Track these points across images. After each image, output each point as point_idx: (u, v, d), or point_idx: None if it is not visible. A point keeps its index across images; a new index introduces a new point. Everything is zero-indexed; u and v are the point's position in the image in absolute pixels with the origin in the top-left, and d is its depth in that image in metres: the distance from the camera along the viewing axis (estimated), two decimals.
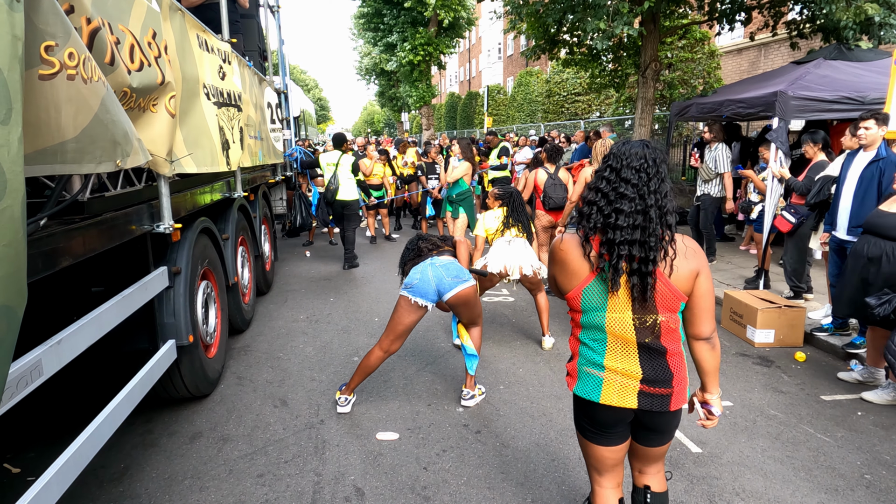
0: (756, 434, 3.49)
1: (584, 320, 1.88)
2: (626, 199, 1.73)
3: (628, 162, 1.76)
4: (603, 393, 1.85)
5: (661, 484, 2.14)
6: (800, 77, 6.34)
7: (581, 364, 1.92)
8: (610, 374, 1.85)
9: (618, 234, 1.73)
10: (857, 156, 4.53)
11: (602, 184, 1.79)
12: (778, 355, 4.77)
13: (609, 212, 1.75)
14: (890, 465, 3.17)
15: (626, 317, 1.80)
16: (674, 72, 12.84)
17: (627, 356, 1.84)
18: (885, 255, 3.73)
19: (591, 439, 1.99)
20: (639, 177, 1.74)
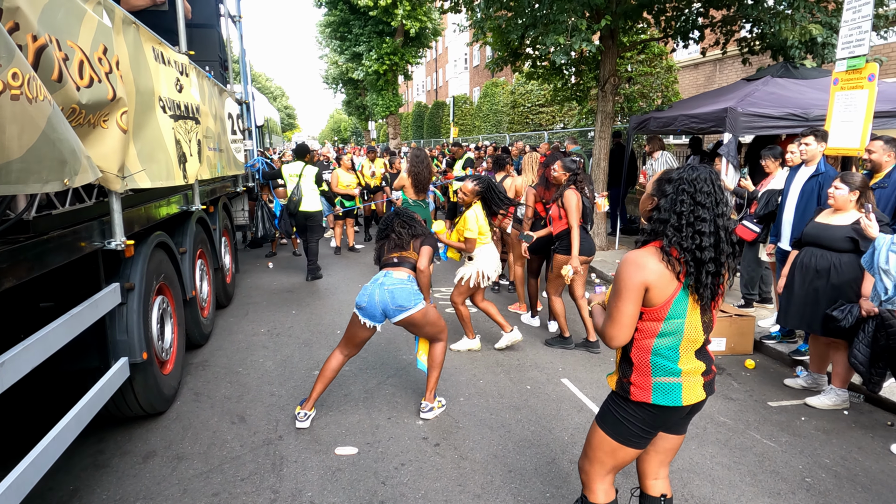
0: (706, 441, 3.61)
1: (666, 328, 2.02)
2: (705, 222, 1.94)
3: (700, 187, 1.96)
4: (684, 395, 2.05)
5: (670, 488, 2.35)
6: (749, 94, 6.62)
7: (656, 375, 2.05)
8: (686, 377, 2.06)
9: (705, 253, 1.94)
10: (799, 170, 4.74)
11: (682, 207, 1.96)
12: (729, 363, 4.93)
13: (692, 233, 1.94)
14: (829, 468, 3.32)
15: (697, 320, 2.03)
16: (633, 85, 13.19)
17: (691, 356, 2.07)
18: (832, 266, 3.90)
19: (633, 444, 2.14)
20: (710, 200, 1.96)
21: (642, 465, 2.30)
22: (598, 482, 2.24)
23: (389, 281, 3.63)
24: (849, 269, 3.83)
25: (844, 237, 3.84)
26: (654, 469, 2.28)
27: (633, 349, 2.09)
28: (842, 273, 3.84)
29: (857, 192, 3.88)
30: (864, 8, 4.53)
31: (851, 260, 3.84)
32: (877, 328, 3.70)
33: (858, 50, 4.61)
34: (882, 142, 4.12)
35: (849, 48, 4.69)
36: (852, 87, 4.68)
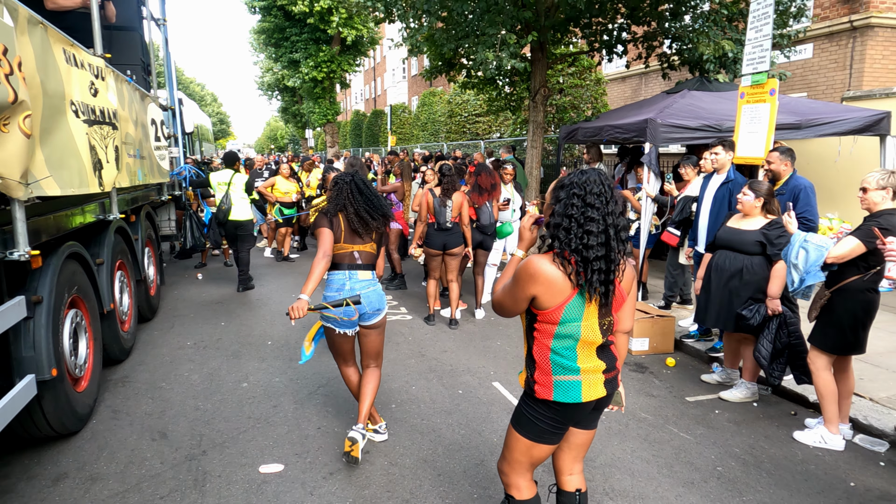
0: (628, 437, 3.76)
1: (561, 331, 2.08)
2: (594, 222, 2.00)
3: (590, 189, 2.02)
4: (583, 393, 2.11)
5: (585, 483, 2.43)
6: (668, 106, 6.96)
7: (556, 373, 2.12)
8: (585, 375, 2.12)
9: (591, 252, 1.99)
10: (712, 178, 5.04)
11: (572, 210, 2.02)
12: (652, 361, 5.16)
13: (581, 234, 2.00)
14: (739, 456, 3.53)
15: (594, 323, 2.09)
16: (565, 97, 13.63)
17: (591, 355, 2.14)
18: (745, 268, 4.15)
19: (546, 440, 2.21)
20: (600, 200, 2.02)
21: (557, 461, 2.37)
22: (519, 479, 2.30)
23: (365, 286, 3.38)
24: (759, 270, 4.09)
25: (754, 241, 4.10)
26: (569, 465, 2.36)
27: (535, 348, 2.16)
28: (752, 274, 4.10)
29: (762, 198, 4.16)
30: (765, 28, 4.88)
31: (761, 262, 4.11)
32: (779, 326, 3.98)
33: (761, 66, 4.96)
34: (778, 152, 4.44)
35: (752, 65, 5.04)
36: (756, 101, 5.03)
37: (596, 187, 2.04)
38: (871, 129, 6.77)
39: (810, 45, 11.26)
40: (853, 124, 6.69)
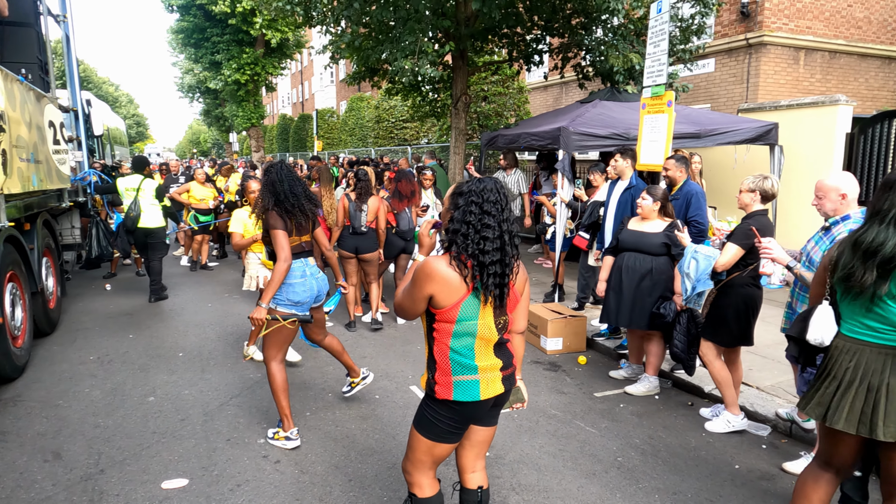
0: (537, 433, 3.90)
1: (459, 329, 2.15)
2: (490, 229, 2.09)
3: (487, 197, 2.12)
4: (482, 390, 2.19)
5: (486, 479, 2.48)
6: (580, 115, 7.28)
7: (455, 373, 2.18)
8: (483, 373, 2.20)
9: (487, 257, 2.09)
10: (616, 184, 5.32)
11: (470, 217, 2.11)
12: (565, 360, 5.36)
13: (478, 239, 2.09)
14: (638, 447, 3.73)
15: (490, 321, 2.18)
16: (489, 104, 13.94)
17: (489, 353, 2.23)
18: (653, 269, 4.40)
19: (447, 440, 2.27)
20: (496, 208, 2.12)
21: (460, 459, 2.44)
22: (422, 478, 2.34)
23: (315, 269, 3.72)
24: (665, 269, 4.35)
25: (660, 243, 4.36)
26: (471, 462, 2.43)
27: (435, 349, 2.22)
28: (660, 273, 4.35)
29: (659, 202, 4.43)
30: (662, 44, 5.21)
31: (666, 261, 4.37)
32: (688, 321, 4.23)
33: (659, 79, 5.29)
34: (674, 160, 4.76)
35: (652, 77, 5.37)
36: (656, 112, 5.36)
37: (492, 195, 2.14)
38: (762, 139, 7.35)
39: (713, 60, 12.08)
40: (746, 134, 7.25)
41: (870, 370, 2.14)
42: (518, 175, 7.69)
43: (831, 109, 7.49)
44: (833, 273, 2.27)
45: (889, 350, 2.13)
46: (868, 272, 2.10)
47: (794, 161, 7.48)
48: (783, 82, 11.44)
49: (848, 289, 2.20)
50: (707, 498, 3.17)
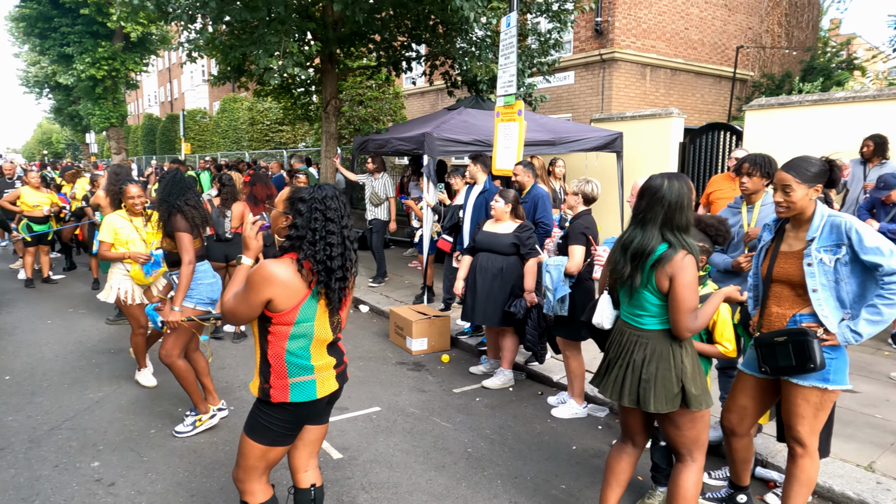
0: (394, 432, 3.98)
1: (296, 331, 2.19)
2: (335, 235, 2.18)
3: (329, 205, 2.19)
4: (318, 389, 2.25)
5: (320, 477, 2.52)
6: (445, 121, 7.52)
7: (292, 375, 2.21)
8: (319, 373, 2.25)
9: (334, 262, 2.17)
10: (473, 188, 5.57)
11: (316, 224, 2.16)
12: (429, 360, 5.51)
13: (324, 246, 2.16)
14: (489, 437, 3.93)
15: (325, 322, 2.25)
16: (365, 108, 13.93)
17: (323, 353, 2.29)
18: (503, 268, 4.64)
19: (282, 443, 2.28)
20: (337, 215, 2.21)
21: (293, 461, 2.45)
22: (255, 485, 2.33)
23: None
24: (514, 268, 4.60)
25: (509, 243, 4.61)
26: (304, 462, 2.45)
27: (270, 352, 2.23)
28: (510, 272, 4.60)
29: (510, 205, 4.70)
30: (511, 56, 5.54)
31: (516, 261, 4.62)
32: (538, 316, 4.50)
33: (510, 89, 5.61)
34: (522, 166, 5.08)
35: (504, 88, 5.68)
36: (509, 120, 5.68)
37: (333, 202, 2.22)
38: (609, 147, 8.03)
39: (572, 73, 12.96)
40: (595, 142, 7.88)
41: (638, 350, 2.45)
42: (385, 179, 7.78)
43: (667, 121, 8.35)
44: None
45: (646, 333, 2.44)
46: (626, 265, 2.41)
47: (637, 166, 8.24)
48: (633, 95, 12.55)
49: (617, 279, 2.50)
50: (544, 479, 3.41)
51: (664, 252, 2.34)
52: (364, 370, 5.18)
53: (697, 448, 2.53)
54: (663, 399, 2.39)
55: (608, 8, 11.98)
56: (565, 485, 3.34)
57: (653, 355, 2.42)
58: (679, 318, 2.32)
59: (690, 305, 2.31)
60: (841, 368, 2.51)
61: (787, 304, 2.57)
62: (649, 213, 2.41)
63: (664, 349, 2.42)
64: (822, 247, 2.43)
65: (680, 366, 2.41)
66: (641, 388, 2.43)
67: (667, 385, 2.39)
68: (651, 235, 2.39)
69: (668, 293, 2.35)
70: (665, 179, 2.43)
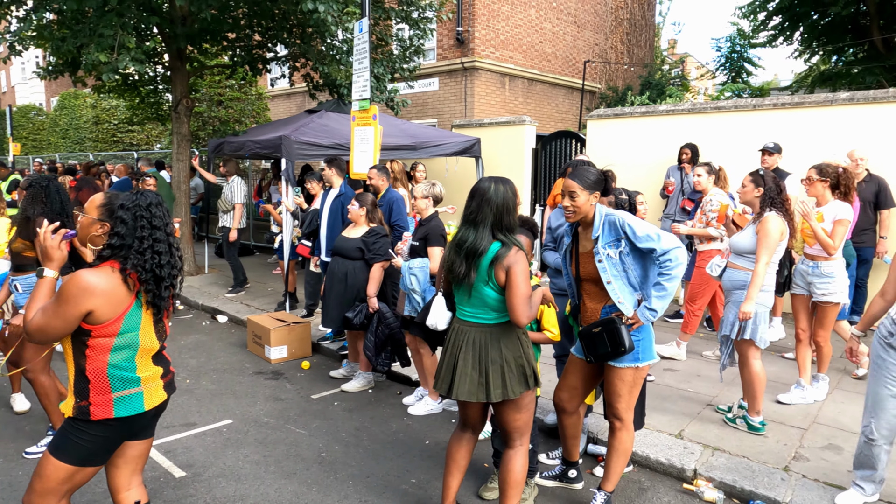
0: (244, 444, 3.86)
1: (120, 342, 2.10)
2: (162, 243, 2.16)
3: (154, 212, 2.17)
4: (146, 401, 2.17)
5: (146, 494, 2.39)
6: (305, 124, 7.40)
7: (115, 389, 2.11)
8: (146, 384, 2.18)
9: (164, 270, 2.15)
10: (329, 192, 5.55)
11: (143, 233, 2.12)
12: (289, 367, 5.40)
13: (152, 255, 2.12)
14: (344, 440, 3.95)
15: (151, 330, 2.20)
16: (225, 109, 13.29)
17: (149, 363, 2.21)
18: (349, 272, 4.66)
19: (94, 462, 2.16)
20: (162, 223, 2.18)
21: (113, 480, 2.31)
22: None
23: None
24: (360, 273, 4.64)
25: (355, 247, 4.65)
26: (126, 480, 2.31)
27: (88, 367, 2.09)
28: (355, 277, 4.63)
29: (366, 208, 4.74)
30: (365, 61, 5.61)
31: (362, 266, 4.66)
32: (378, 322, 4.56)
33: (364, 94, 5.67)
34: (376, 170, 5.16)
35: (359, 92, 5.73)
36: (364, 124, 5.74)
37: (158, 210, 2.19)
38: (468, 152, 8.37)
39: (437, 80, 13.33)
40: (455, 147, 8.18)
41: (478, 345, 2.61)
42: (234, 184, 7.46)
43: (520, 128, 8.89)
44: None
45: (486, 328, 2.62)
46: (462, 264, 2.57)
47: (495, 170, 8.67)
48: (493, 103, 13.17)
49: (453, 279, 2.65)
50: (396, 475, 3.50)
51: (499, 250, 2.53)
52: (217, 382, 4.96)
53: (528, 431, 2.76)
54: (522, 383, 2.60)
55: (468, 18, 12.48)
56: (416, 479, 3.45)
57: (506, 347, 2.60)
58: (517, 305, 2.50)
59: (526, 293, 2.51)
60: (648, 346, 2.86)
61: (596, 298, 2.88)
62: (479, 213, 2.58)
63: (513, 339, 2.62)
64: (606, 243, 2.75)
65: (527, 351, 2.64)
66: (505, 380, 2.58)
67: (517, 371, 2.60)
68: (483, 235, 2.55)
69: (506, 285, 2.52)
70: (492, 183, 2.62)
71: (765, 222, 3.60)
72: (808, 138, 6.27)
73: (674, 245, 2.65)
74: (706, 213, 4.99)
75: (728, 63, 19.82)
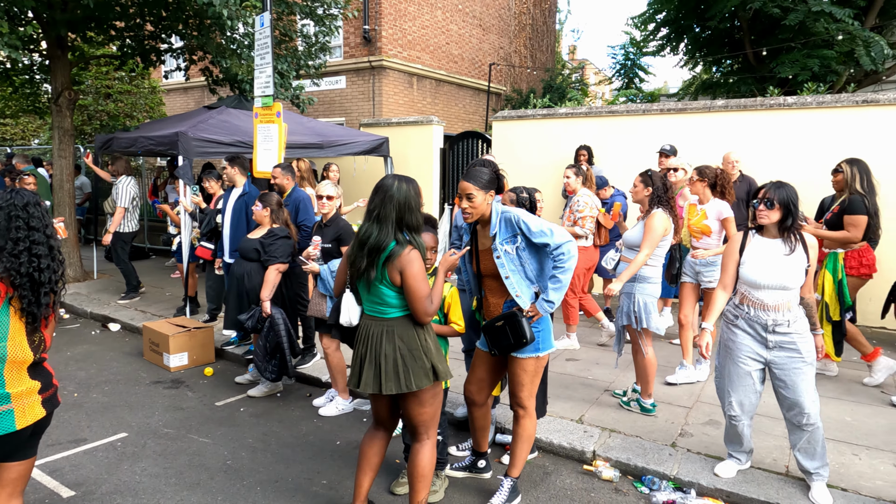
0: (141, 457, 3.65)
1: None
2: (41, 245, 2.02)
3: (32, 212, 2.03)
4: (17, 420, 2.00)
5: None
6: (204, 121, 7.08)
7: None
8: (18, 400, 2.01)
9: (44, 275, 2.01)
10: (232, 192, 5.35)
11: (19, 234, 1.98)
12: (191, 375, 5.15)
13: (30, 257, 1.99)
14: (251, 446, 3.84)
15: (23, 340, 2.02)
16: (115, 103, 12.40)
17: (23, 377, 2.04)
18: (246, 274, 4.52)
19: None
20: (41, 223, 2.05)
21: None
22: None
23: None
24: (256, 275, 4.51)
25: (253, 248, 4.52)
26: None
27: None
28: (251, 280, 4.51)
29: (269, 208, 4.62)
30: (267, 56, 5.45)
31: (258, 268, 4.52)
32: (268, 329, 4.43)
33: (268, 90, 5.52)
34: (280, 168, 5.04)
35: (261, 89, 5.57)
36: (268, 122, 5.58)
37: (36, 210, 2.06)
38: (377, 151, 8.36)
39: (344, 78, 13.16)
40: (363, 146, 8.13)
41: (374, 339, 2.64)
42: (123, 185, 6.99)
43: (428, 128, 8.99)
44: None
45: (386, 322, 2.65)
46: (363, 260, 2.59)
47: (405, 170, 8.72)
48: (402, 102, 13.20)
49: (355, 275, 2.67)
50: (306, 477, 3.45)
51: (392, 249, 2.55)
52: (110, 394, 4.65)
53: (433, 425, 2.81)
54: (421, 377, 2.61)
55: (375, 17, 12.42)
56: (326, 479, 3.42)
57: (402, 340, 2.61)
58: (417, 306, 2.54)
59: (424, 293, 2.55)
60: (547, 337, 3.00)
61: (497, 293, 2.99)
62: (383, 210, 2.59)
63: (410, 333, 2.63)
64: (503, 239, 2.87)
65: (426, 345, 2.66)
66: (399, 373, 2.60)
67: (420, 364, 2.62)
68: (386, 232, 2.57)
69: (402, 286, 2.56)
70: (396, 180, 2.64)
71: (651, 218, 3.90)
72: (691, 141, 6.82)
73: (566, 239, 2.80)
74: (573, 212, 5.25)
75: (623, 70, 21.05)
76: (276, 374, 4.47)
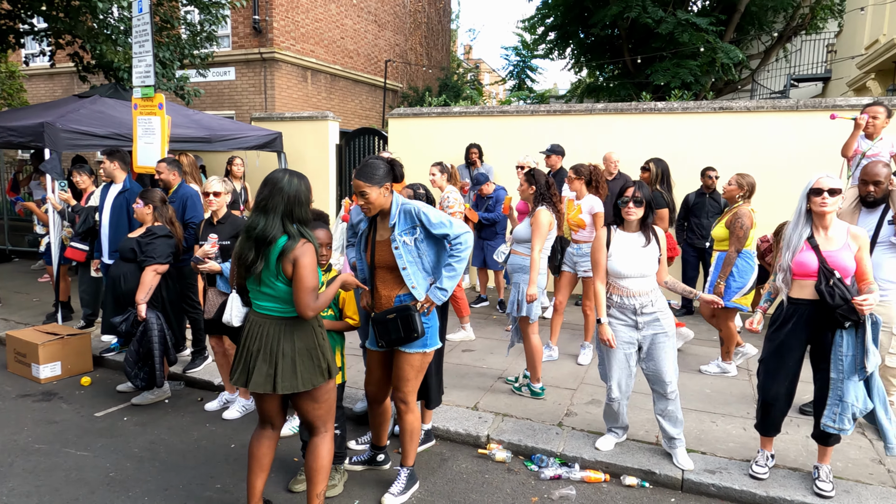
0: (9, 476, 3.35)
1: None
2: None
3: None
4: None
5: None
6: (73, 110, 6.51)
7: None
8: None
9: None
10: (110, 187, 5.00)
11: None
12: (65, 386, 4.77)
13: None
14: (136, 456, 3.64)
15: None
16: None
17: None
18: (123, 275, 4.26)
19: None
20: None
21: None
22: None
23: None
24: (131, 277, 4.26)
25: (130, 248, 4.27)
26: None
27: None
28: (127, 281, 4.26)
29: (152, 205, 4.38)
30: (146, 44, 5.14)
31: (135, 269, 4.25)
32: (141, 335, 4.20)
33: (148, 80, 5.20)
34: (166, 163, 4.79)
35: (140, 78, 5.24)
36: (149, 114, 5.27)
37: None
38: (270, 147, 8.12)
39: (233, 69, 12.61)
40: (254, 141, 7.87)
41: (271, 338, 2.63)
42: None
43: (323, 124, 8.86)
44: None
45: (280, 320, 2.65)
46: (251, 251, 2.57)
47: (300, 165, 8.52)
48: (296, 96, 12.88)
49: (244, 270, 2.63)
50: (199, 483, 3.34)
51: (286, 244, 2.54)
52: None
53: (330, 418, 2.83)
54: (317, 375, 2.62)
55: (266, 8, 12.01)
56: (220, 483, 3.33)
57: (300, 339, 2.61)
58: (301, 297, 2.52)
59: (311, 285, 2.55)
60: (434, 334, 3.10)
61: (390, 285, 3.04)
62: (271, 201, 2.57)
63: (308, 332, 2.63)
64: (402, 231, 2.95)
65: (322, 343, 2.67)
66: (297, 372, 2.58)
67: (317, 363, 2.63)
68: (273, 224, 2.54)
69: (292, 277, 2.55)
70: (286, 174, 2.63)
71: (537, 215, 4.15)
72: (576, 140, 7.26)
73: (464, 230, 2.94)
74: (444, 208, 5.46)
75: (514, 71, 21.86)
76: (145, 382, 4.25)
